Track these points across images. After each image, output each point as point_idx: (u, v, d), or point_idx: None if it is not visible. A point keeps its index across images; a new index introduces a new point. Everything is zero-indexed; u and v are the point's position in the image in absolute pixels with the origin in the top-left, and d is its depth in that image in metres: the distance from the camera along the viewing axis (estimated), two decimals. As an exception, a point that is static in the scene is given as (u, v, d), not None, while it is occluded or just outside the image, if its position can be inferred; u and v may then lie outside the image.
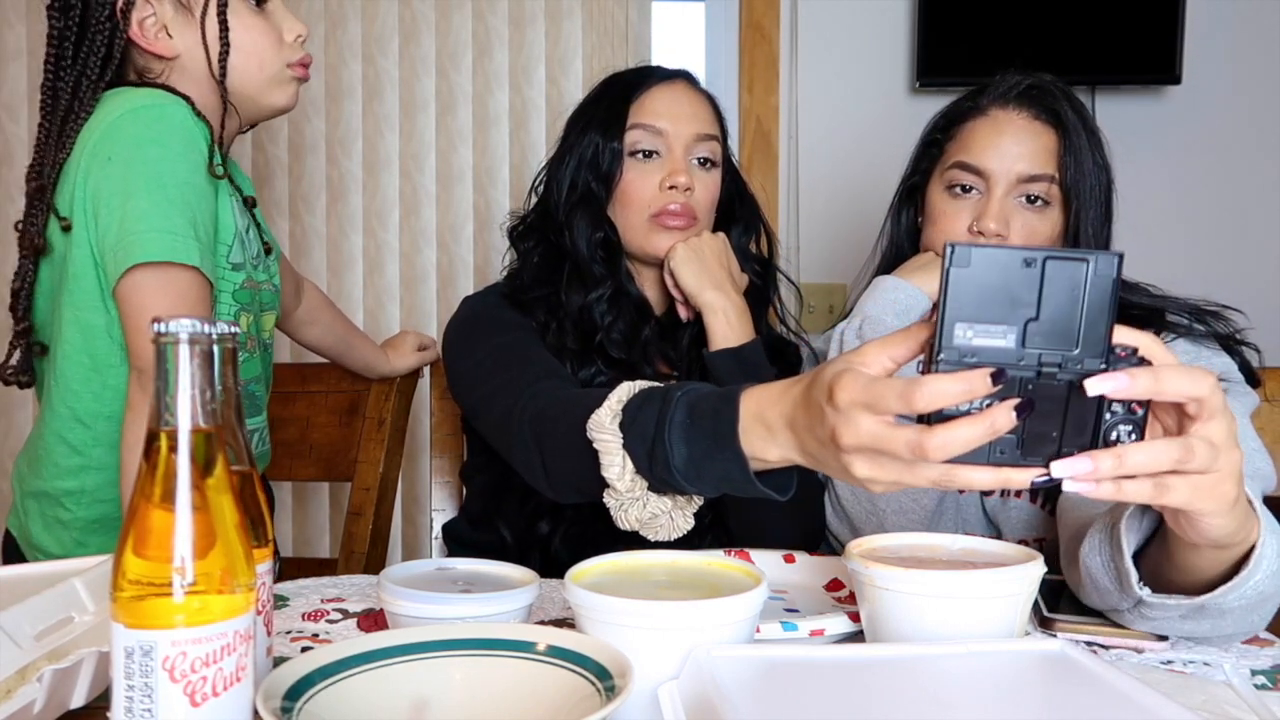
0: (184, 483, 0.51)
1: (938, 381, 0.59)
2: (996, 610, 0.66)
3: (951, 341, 0.61)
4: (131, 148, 1.01)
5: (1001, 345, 0.60)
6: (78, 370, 1.08)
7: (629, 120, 1.15)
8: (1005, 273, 0.60)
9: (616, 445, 0.78)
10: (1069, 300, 0.60)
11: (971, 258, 0.60)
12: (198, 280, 1.01)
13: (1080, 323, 0.60)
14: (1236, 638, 0.79)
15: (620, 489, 0.79)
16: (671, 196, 1.14)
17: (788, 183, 2.14)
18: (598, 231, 1.16)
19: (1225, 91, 2.11)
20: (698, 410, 0.75)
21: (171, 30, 1.09)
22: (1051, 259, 0.60)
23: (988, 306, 0.60)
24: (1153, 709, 0.50)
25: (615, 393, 0.81)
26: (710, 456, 0.73)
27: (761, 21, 2.13)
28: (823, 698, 0.53)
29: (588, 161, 1.16)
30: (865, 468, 0.63)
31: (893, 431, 0.61)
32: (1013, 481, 0.61)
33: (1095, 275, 0.60)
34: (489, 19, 2.03)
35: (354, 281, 2.06)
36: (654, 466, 0.76)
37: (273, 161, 2.05)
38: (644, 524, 0.81)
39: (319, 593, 0.93)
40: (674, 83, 1.19)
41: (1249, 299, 1.10)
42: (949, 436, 0.58)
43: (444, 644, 0.62)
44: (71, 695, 0.62)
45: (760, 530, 1.08)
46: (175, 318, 0.51)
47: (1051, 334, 0.60)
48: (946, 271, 0.60)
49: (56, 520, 1.12)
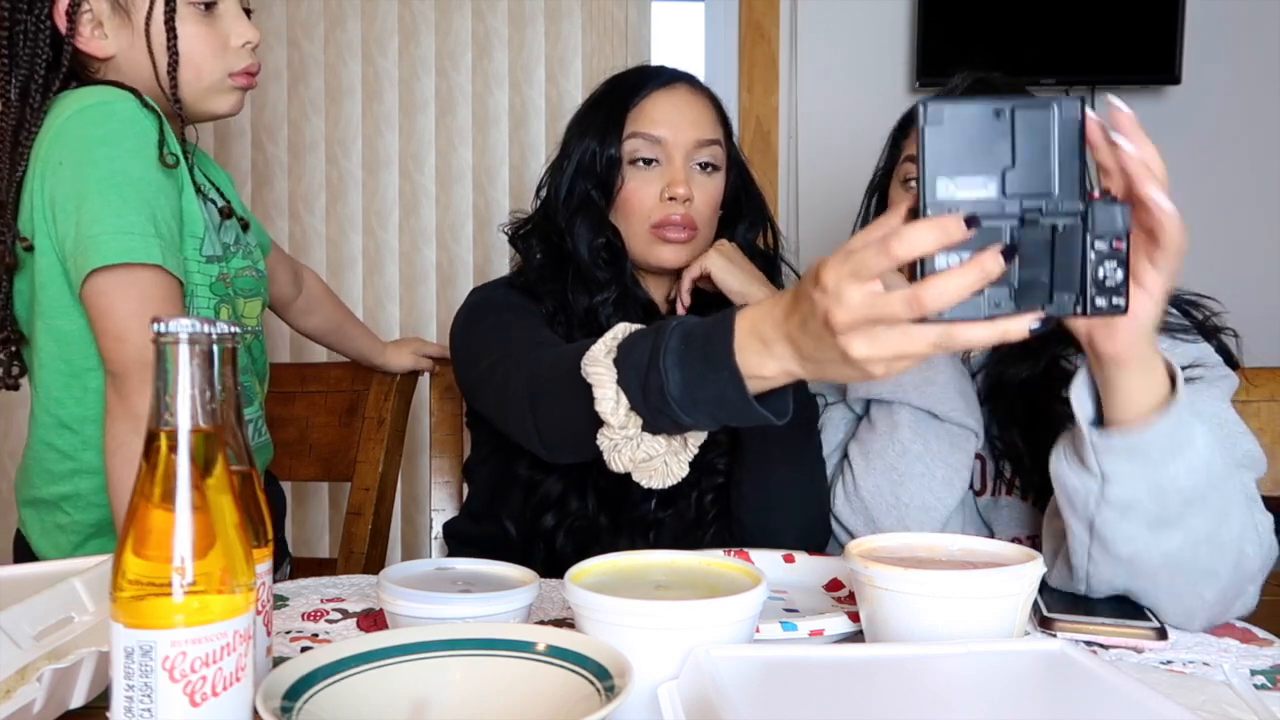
0: (184, 483, 0.51)
1: (914, 227, 0.61)
2: (996, 610, 0.66)
3: (935, 196, 0.63)
4: (81, 149, 0.99)
5: (983, 195, 0.63)
6: (57, 377, 1.07)
7: (627, 128, 1.14)
8: (978, 125, 0.63)
9: (610, 378, 0.76)
10: (1041, 146, 0.63)
11: (944, 114, 0.63)
12: (161, 278, 0.99)
13: (1055, 166, 0.63)
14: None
15: (614, 424, 0.77)
16: (671, 207, 1.13)
17: (787, 183, 2.14)
18: (599, 237, 1.15)
19: (1225, 91, 2.12)
20: (692, 335, 0.74)
21: (107, 30, 1.05)
22: (1019, 108, 0.63)
23: (966, 159, 0.63)
24: (1153, 709, 0.50)
25: (611, 331, 0.80)
26: (705, 379, 0.72)
27: (761, 21, 2.13)
28: (822, 698, 0.53)
29: (585, 168, 1.15)
30: (863, 345, 0.64)
31: (886, 296, 0.62)
32: (1010, 332, 0.62)
33: (1062, 120, 0.63)
34: (489, 19, 2.03)
35: (354, 281, 2.06)
36: (648, 396, 0.74)
37: (273, 161, 2.05)
38: (638, 466, 0.79)
39: (319, 593, 0.93)
40: (674, 88, 1.17)
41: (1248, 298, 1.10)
42: (944, 283, 0.60)
43: (444, 644, 0.62)
44: (71, 695, 0.62)
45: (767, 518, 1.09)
46: (174, 318, 0.51)
47: (1030, 179, 0.63)
48: (922, 130, 0.62)
49: (55, 526, 1.11)
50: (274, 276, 1.34)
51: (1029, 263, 0.63)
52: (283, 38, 2.03)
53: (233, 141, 2.05)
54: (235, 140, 2.05)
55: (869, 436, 1.05)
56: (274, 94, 2.04)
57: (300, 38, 2.03)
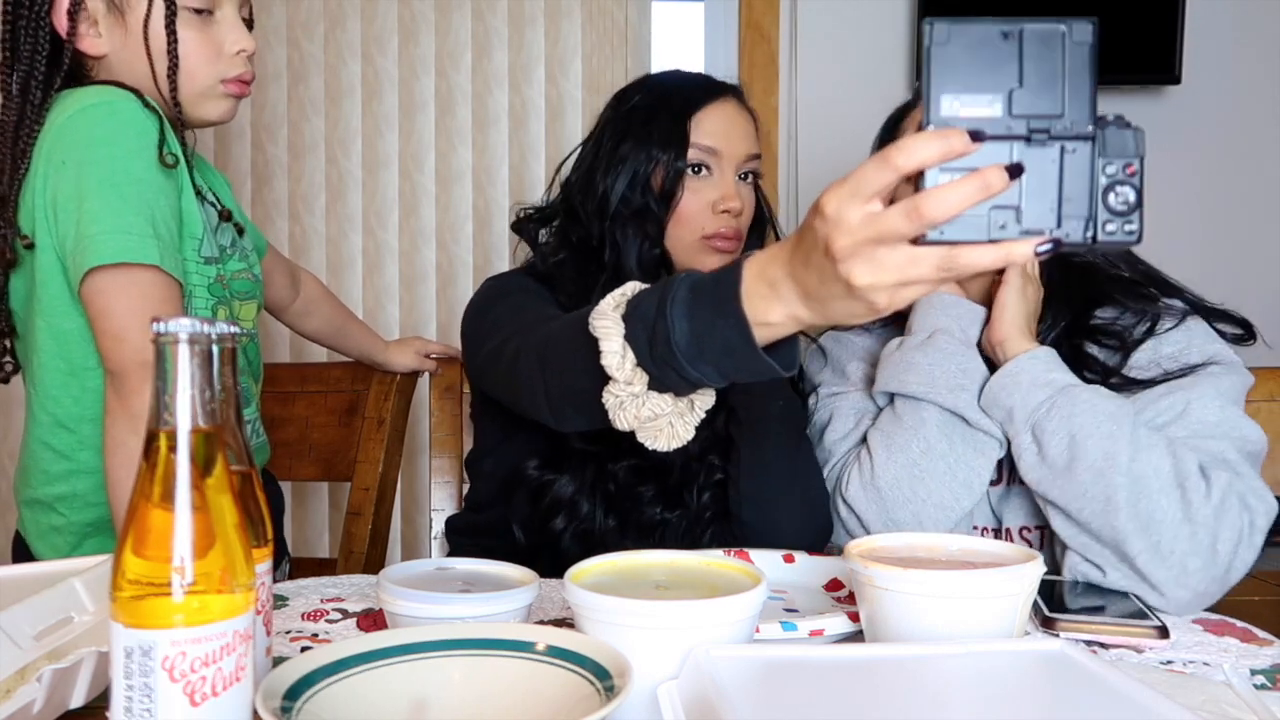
0: (183, 483, 0.50)
1: (916, 138, 0.59)
2: (996, 610, 0.66)
3: (939, 113, 0.61)
4: (83, 148, 0.99)
5: (989, 113, 0.61)
6: (55, 376, 1.07)
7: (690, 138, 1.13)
8: (985, 46, 0.61)
9: (617, 332, 0.75)
10: (1050, 67, 0.61)
11: (951, 33, 0.61)
12: (160, 278, 0.99)
13: (1064, 87, 0.61)
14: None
15: (619, 379, 0.75)
16: (724, 220, 1.13)
17: (787, 183, 2.14)
18: (653, 248, 1.14)
19: (1225, 91, 2.12)
20: (701, 284, 0.73)
21: (101, 29, 1.05)
22: (1029, 28, 0.61)
23: (972, 77, 0.61)
24: (1153, 709, 0.50)
25: (621, 287, 0.79)
26: (712, 326, 0.71)
27: (761, 21, 2.13)
28: (822, 698, 0.53)
29: (644, 178, 1.13)
30: (865, 271, 0.62)
31: (884, 211, 0.61)
32: (1015, 254, 0.61)
33: (1073, 42, 0.61)
34: (488, 19, 2.03)
35: (354, 281, 2.06)
36: (655, 348, 0.73)
37: (272, 161, 2.05)
38: (642, 424, 0.78)
39: (318, 592, 0.93)
40: (727, 100, 1.18)
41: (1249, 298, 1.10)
42: (945, 194, 0.58)
43: (443, 644, 0.62)
44: (71, 695, 0.62)
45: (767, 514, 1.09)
46: (174, 317, 0.51)
47: (1037, 100, 0.61)
48: (928, 50, 0.61)
49: (50, 528, 1.11)
50: (271, 280, 1.33)
51: (1036, 185, 0.61)
52: (282, 38, 2.03)
53: (233, 142, 2.05)
54: (235, 141, 2.05)
55: (893, 429, 1.05)
56: (274, 94, 2.04)
57: (300, 38, 2.03)
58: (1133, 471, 0.90)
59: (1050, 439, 0.94)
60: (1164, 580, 0.88)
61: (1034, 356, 0.98)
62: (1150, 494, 0.89)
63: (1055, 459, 0.94)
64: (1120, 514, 0.89)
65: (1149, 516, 0.89)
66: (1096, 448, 0.91)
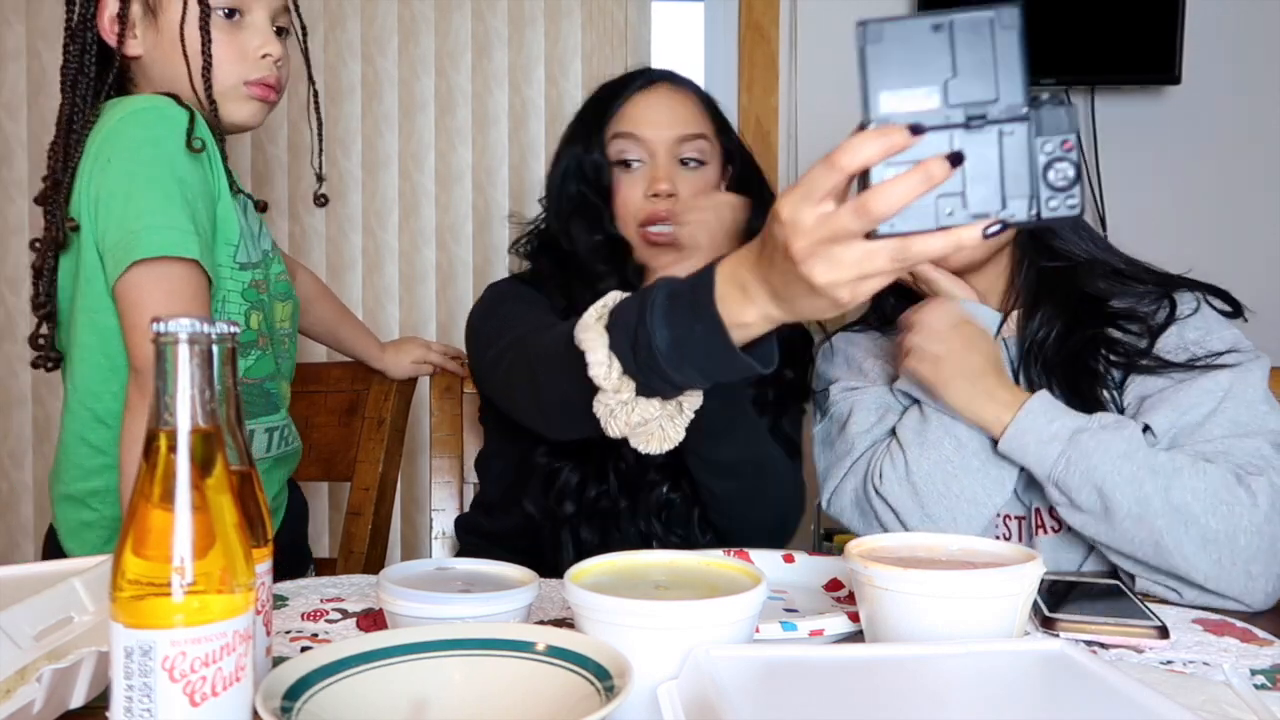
0: (183, 483, 0.51)
1: (857, 138, 0.62)
2: (996, 610, 0.66)
3: (878, 110, 0.63)
4: (131, 148, 1.02)
5: (926, 105, 0.63)
6: (95, 371, 1.09)
7: (610, 130, 1.17)
8: (918, 39, 0.63)
9: (602, 343, 0.78)
10: (982, 54, 0.63)
11: (884, 32, 0.64)
12: (195, 274, 1.01)
13: (996, 72, 0.63)
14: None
15: (607, 388, 0.78)
16: (655, 204, 1.15)
17: (787, 183, 2.14)
18: (595, 235, 1.17)
19: (1225, 91, 2.11)
20: (677, 290, 0.75)
21: (137, 30, 1.09)
22: (959, 19, 0.63)
23: (907, 72, 0.63)
24: (1153, 709, 0.50)
25: (603, 298, 0.81)
26: (690, 331, 0.73)
27: (761, 21, 2.12)
28: (822, 698, 0.53)
29: (574, 173, 1.18)
30: (824, 269, 0.65)
31: (835, 211, 0.63)
32: (964, 240, 0.63)
33: (1001, 27, 0.63)
34: (488, 19, 2.03)
35: (354, 281, 2.06)
36: (638, 355, 0.75)
37: (272, 162, 2.05)
38: (634, 430, 0.80)
39: (318, 592, 0.94)
40: (654, 87, 1.19)
41: (1248, 298, 1.10)
42: (889, 190, 0.61)
43: (444, 644, 0.62)
44: (71, 695, 0.62)
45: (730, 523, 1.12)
46: (174, 317, 0.51)
47: (972, 88, 0.63)
48: (863, 50, 0.63)
49: (81, 524, 1.12)
50: None
51: (979, 171, 0.63)
52: (282, 38, 2.02)
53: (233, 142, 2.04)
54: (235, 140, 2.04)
55: (924, 427, 1.06)
56: (274, 94, 2.03)
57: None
58: (1170, 504, 0.91)
59: (1078, 494, 0.95)
60: (1237, 591, 0.91)
61: (1030, 411, 0.98)
62: (1196, 518, 0.91)
63: (1089, 509, 0.95)
64: (1173, 555, 0.92)
65: (1201, 540, 0.91)
66: (1126, 495, 0.92)
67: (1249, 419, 0.98)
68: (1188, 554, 0.91)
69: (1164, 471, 0.93)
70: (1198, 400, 0.99)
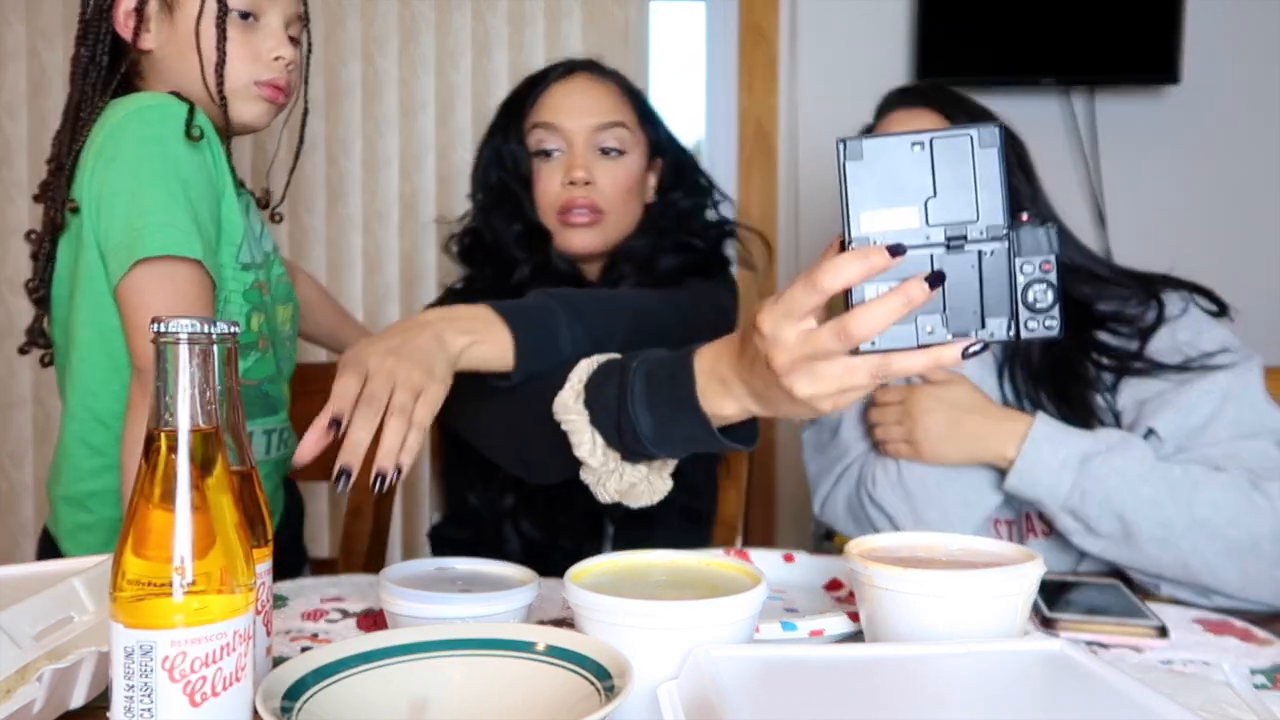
0: (184, 483, 0.51)
1: (838, 260, 0.62)
2: (996, 610, 0.66)
3: (859, 230, 0.64)
4: (135, 145, 1.02)
5: (907, 226, 0.64)
6: (96, 371, 1.09)
7: (528, 120, 1.19)
8: (898, 158, 0.63)
9: (584, 423, 0.80)
10: (962, 174, 0.63)
11: (863, 149, 0.63)
12: (198, 274, 1.01)
13: (976, 192, 0.63)
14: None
15: (594, 465, 0.81)
16: (571, 192, 1.16)
17: (787, 183, 2.14)
18: (514, 224, 1.19)
19: (1225, 91, 2.11)
20: (655, 378, 0.77)
21: (151, 24, 1.10)
22: (938, 138, 0.63)
23: (887, 192, 0.63)
24: (1153, 709, 0.50)
25: (575, 372, 0.83)
26: (675, 421, 0.76)
27: (761, 22, 2.13)
28: (822, 698, 0.53)
29: (494, 163, 1.20)
30: (805, 383, 0.66)
31: (816, 330, 0.64)
32: (944, 358, 0.64)
33: (981, 147, 0.63)
34: (488, 19, 2.03)
35: (354, 281, 2.06)
36: (623, 438, 0.79)
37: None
38: (623, 494, 0.83)
39: (318, 592, 0.94)
40: (572, 77, 1.21)
41: (1249, 299, 1.10)
42: (869, 312, 0.62)
43: (443, 644, 0.62)
44: (71, 695, 0.62)
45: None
46: (174, 317, 0.51)
47: (952, 208, 0.64)
48: (842, 166, 0.63)
49: (79, 526, 1.12)
50: None
51: (958, 289, 0.64)
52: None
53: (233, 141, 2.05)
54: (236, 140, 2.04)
55: None
56: (274, 94, 2.04)
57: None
58: (1194, 520, 0.92)
59: (1097, 522, 0.95)
60: (1266, 596, 0.93)
61: (1034, 442, 0.97)
62: (1219, 531, 0.91)
63: (1110, 534, 0.95)
64: (1201, 573, 0.92)
65: (1226, 552, 0.91)
66: (1149, 519, 0.93)
67: (1252, 419, 0.99)
68: (1215, 569, 0.92)
69: (1182, 488, 0.93)
70: (1199, 401, 0.99)
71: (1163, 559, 0.93)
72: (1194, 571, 0.92)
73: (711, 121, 2.20)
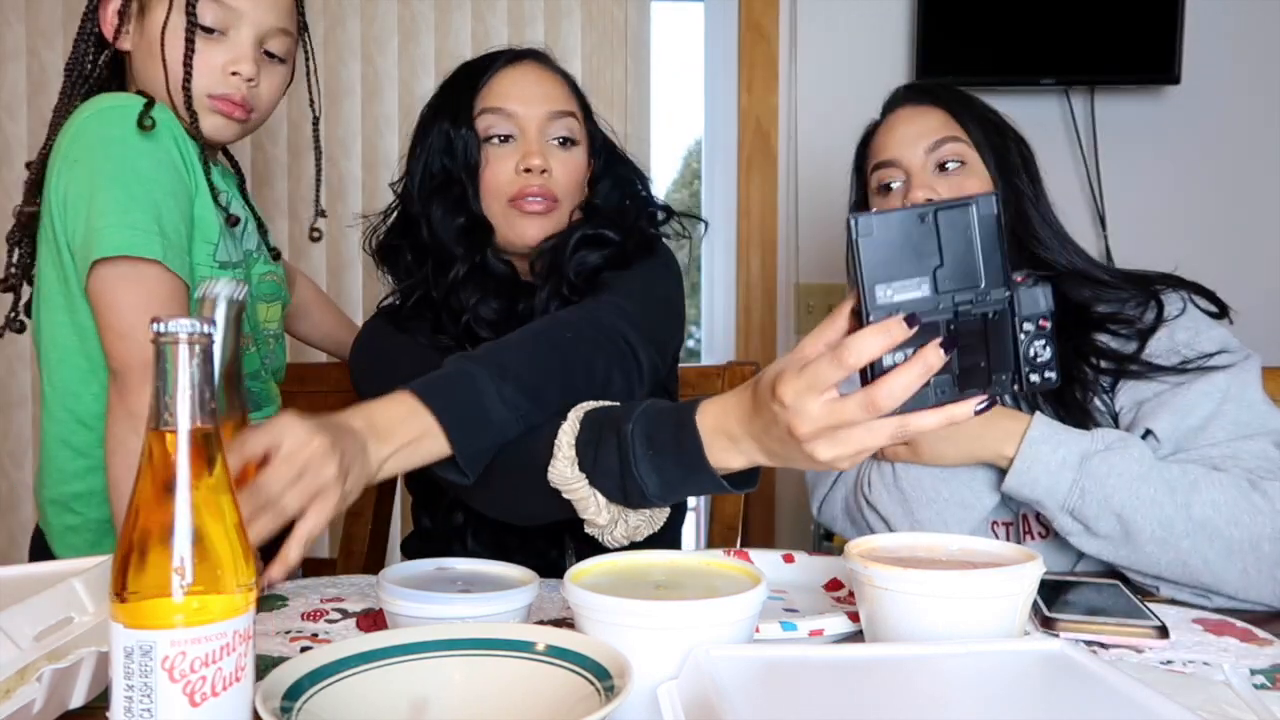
0: (183, 483, 0.51)
1: (862, 336, 0.66)
2: (996, 610, 0.66)
3: (875, 303, 0.68)
4: (95, 146, 1.01)
5: (919, 295, 0.68)
6: (75, 372, 1.08)
7: (478, 106, 1.13)
8: (906, 231, 0.68)
9: (586, 489, 0.83)
10: (965, 242, 0.68)
11: (874, 225, 0.67)
12: (164, 276, 1.00)
13: (979, 259, 0.68)
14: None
15: (602, 523, 0.84)
16: (527, 179, 1.11)
17: (787, 183, 2.14)
18: (459, 217, 1.12)
19: (1225, 91, 2.12)
20: (657, 441, 0.80)
21: (131, 27, 1.09)
22: (941, 210, 0.68)
23: (899, 264, 0.68)
24: (1153, 709, 0.50)
25: (561, 436, 0.85)
26: (684, 480, 0.80)
27: (761, 21, 2.13)
28: (822, 698, 0.53)
29: (440, 150, 1.13)
30: (827, 449, 0.70)
31: (842, 403, 0.68)
32: (957, 415, 0.68)
33: (980, 216, 0.68)
34: (488, 19, 2.03)
35: (353, 281, 2.06)
36: (629, 498, 0.82)
37: (272, 162, 2.05)
38: (629, 536, 0.86)
39: (318, 592, 0.93)
40: (521, 64, 1.16)
41: (1249, 299, 1.10)
42: (893, 383, 0.66)
43: (443, 644, 0.62)
44: (71, 695, 0.62)
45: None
46: (174, 317, 0.51)
47: (958, 275, 0.68)
48: (856, 243, 0.67)
49: (66, 528, 1.12)
50: None
51: (967, 350, 0.69)
52: (282, 38, 2.03)
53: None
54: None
55: None
56: (274, 94, 2.04)
57: (300, 38, 2.03)
58: (1193, 520, 0.92)
59: (1096, 522, 0.94)
60: (1266, 597, 0.92)
61: (1032, 442, 0.96)
62: (1219, 531, 0.91)
63: (1109, 535, 0.94)
64: (1201, 573, 0.92)
65: (1226, 552, 0.91)
66: (1148, 519, 0.92)
67: (1250, 419, 0.98)
68: (1215, 569, 0.91)
69: (1181, 488, 0.92)
70: (1197, 402, 0.99)
71: (1162, 559, 0.93)
72: (1193, 571, 0.92)
73: (711, 121, 2.20)
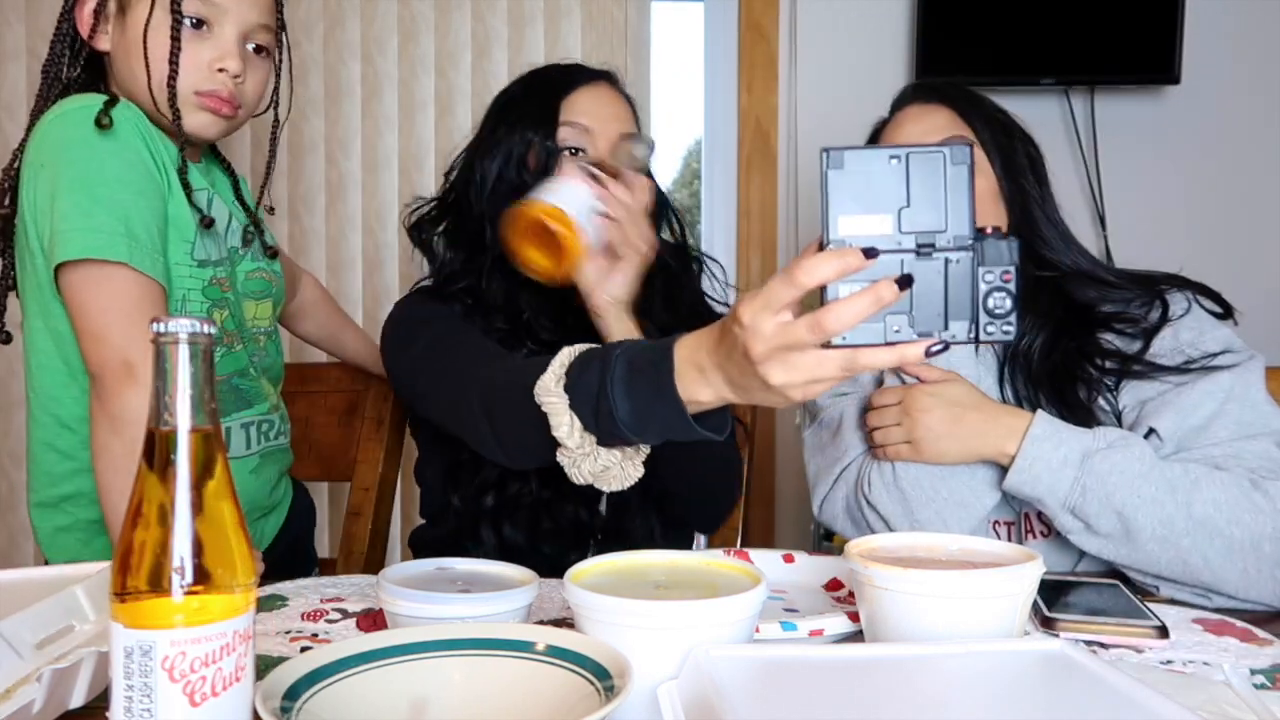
0: (183, 483, 0.51)
1: (816, 258, 0.67)
2: (996, 610, 0.66)
3: (836, 233, 0.69)
4: (59, 150, 1.01)
5: (881, 231, 0.69)
6: (55, 377, 1.08)
7: (561, 117, 1.16)
8: (876, 168, 0.69)
9: (563, 406, 0.82)
10: (934, 187, 0.69)
11: (845, 159, 0.68)
12: (133, 277, 0.99)
13: (946, 206, 0.69)
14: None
15: (571, 446, 0.83)
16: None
17: (786, 183, 2.14)
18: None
19: (1225, 91, 2.12)
20: (636, 365, 0.80)
21: (109, 26, 1.08)
22: (914, 153, 0.69)
23: (864, 199, 0.69)
24: (1153, 709, 0.50)
25: (558, 358, 0.85)
26: (651, 406, 0.79)
27: (761, 21, 2.13)
28: (822, 698, 0.53)
29: (518, 157, 1.16)
30: (779, 372, 0.70)
31: (792, 322, 0.68)
32: (908, 356, 0.69)
33: (952, 164, 0.69)
34: (488, 19, 2.03)
35: (353, 281, 2.06)
36: (600, 421, 0.81)
37: (272, 162, 2.05)
38: (597, 476, 0.85)
39: (318, 592, 0.93)
40: (599, 83, 1.20)
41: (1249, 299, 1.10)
42: (841, 309, 0.66)
43: (443, 644, 0.62)
44: (71, 695, 0.62)
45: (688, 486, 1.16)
46: (174, 317, 0.51)
47: (923, 218, 0.69)
48: (825, 174, 0.68)
49: (57, 529, 1.12)
50: None
51: (925, 293, 0.69)
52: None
53: (233, 142, 2.05)
54: (235, 140, 2.05)
55: None
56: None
57: (300, 38, 2.03)
58: (1194, 519, 0.92)
59: (1097, 520, 0.94)
60: (1266, 597, 0.93)
61: (1034, 439, 0.96)
62: (1219, 530, 0.91)
63: (1109, 533, 0.95)
64: (1201, 572, 0.92)
65: (1227, 551, 0.91)
66: (1149, 517, 0.92)
67: (1253, 419, 0.99)
68: (1215, 568, 0.92)
69: (1182, 487, 0.92)
70: (1200, 402, 0.99)
71: (1162, 558, 0.93)
72: (1193, 570, 0.92)
73: (711, 121, 2.20)
